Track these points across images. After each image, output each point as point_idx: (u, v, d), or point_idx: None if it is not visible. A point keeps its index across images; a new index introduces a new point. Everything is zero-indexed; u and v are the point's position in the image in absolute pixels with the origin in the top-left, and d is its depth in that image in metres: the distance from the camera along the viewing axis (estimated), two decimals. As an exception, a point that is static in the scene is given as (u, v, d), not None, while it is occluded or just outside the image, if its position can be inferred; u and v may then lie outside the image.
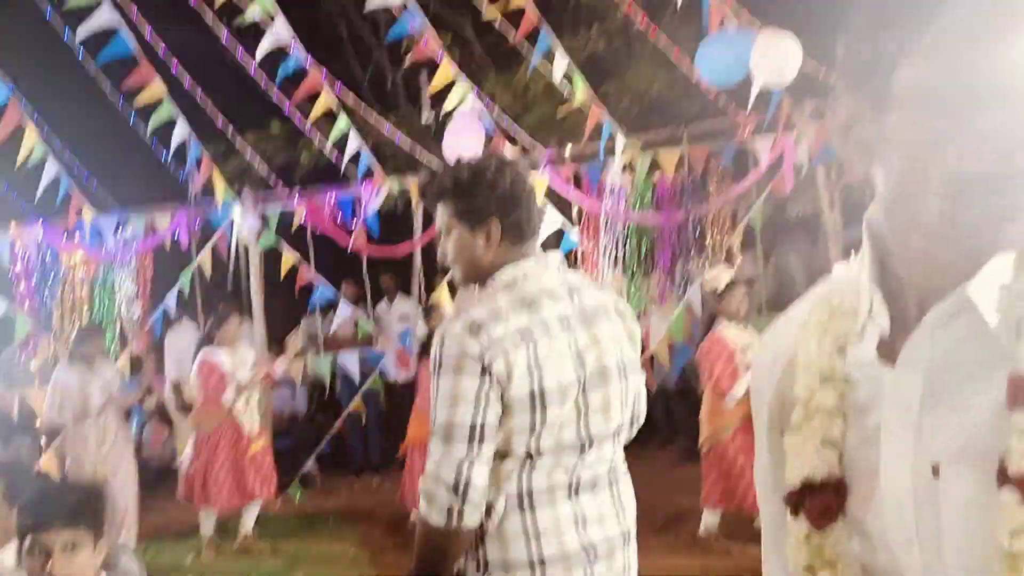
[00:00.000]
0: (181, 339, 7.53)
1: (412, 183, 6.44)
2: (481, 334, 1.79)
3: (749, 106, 5.49)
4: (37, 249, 6.68)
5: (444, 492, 1.76)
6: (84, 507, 2.08)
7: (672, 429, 7.51)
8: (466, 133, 5.76)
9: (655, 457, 7.09)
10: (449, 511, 1.76)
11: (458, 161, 2.02)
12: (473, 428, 1.77)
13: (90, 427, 5.56)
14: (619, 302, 2.07)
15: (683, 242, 6.81)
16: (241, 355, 5.83)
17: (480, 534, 1.86)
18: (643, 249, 6.90)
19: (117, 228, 6.67)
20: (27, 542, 2.02)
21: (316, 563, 5.68)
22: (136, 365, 7.30)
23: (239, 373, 5.70)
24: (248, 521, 5.92)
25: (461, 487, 1.76)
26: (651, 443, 7.32)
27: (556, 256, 2.04)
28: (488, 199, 1.93)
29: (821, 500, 0.80)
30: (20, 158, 5.89)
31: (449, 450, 1.77)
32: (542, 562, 1.83)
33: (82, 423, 5.55)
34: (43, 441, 6.01)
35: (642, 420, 2.04)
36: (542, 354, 1.81)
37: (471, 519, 1.78)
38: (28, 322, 6.36)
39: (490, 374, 1.78)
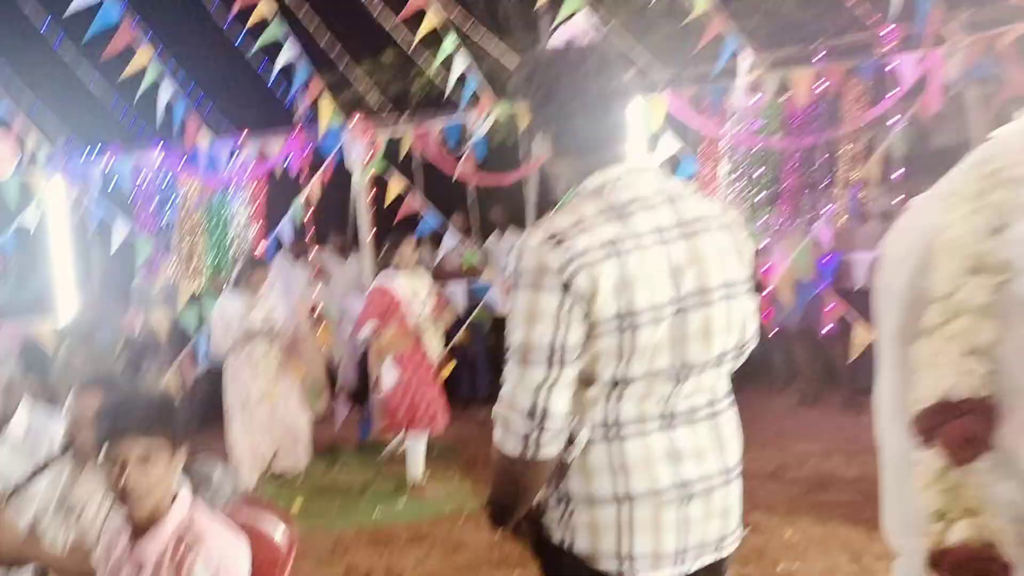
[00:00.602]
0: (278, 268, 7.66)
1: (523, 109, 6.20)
2: (562, 246, 1.57)
3: (891, 17, 4.92)
4: (157, 174, 6.84)
5: (520, 419, 1.58)
6: (157, 417, 2.03)
7: (791, 372, 7.12)
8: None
9: (772, 401, 6.75)
10: (525, 439, 1.59)
11: (526, 57, 1.79)
12: (552, 350, 1.57)
13: (253, 353, 5.68)
14: (728, 213, 1.80)
15: (811, 171, 6.31)
16: (416, 280, 5.72)
17: (561, 465, 1.67)
18: (767, 178, 6.44)
19: (231, 154, 6.74)
20: (103, 451, 1.99)
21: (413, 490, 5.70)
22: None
23: (416, 297, 5.62)
24: (423, 451, 5.80)
25: (538, 414, 1.57)
26: (768, 386, 6.99)
27: (655, 161, 1.78)
28: (557, 97, 1.69)
29: (962, 426, 0.58)
30: (126, 73, 5.98)
31: (525, 373, 1.58)
32: (629, 498, 1.64)
33: (244, 349, 5.67)
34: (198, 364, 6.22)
35: (750, 347, 1.78)
36: (632, 270, 1.58)
37: (549, 449, 1.60)
38: (149, 245, 6.56)
39: (572, 291, 1.56)
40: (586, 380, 1.63)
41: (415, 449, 5.75)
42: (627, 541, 1.65)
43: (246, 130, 6.80)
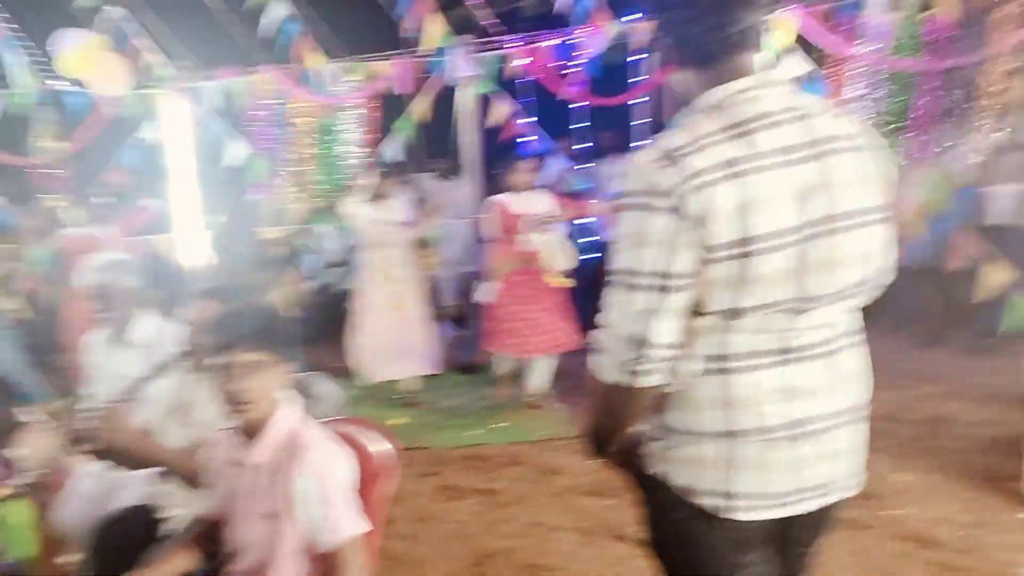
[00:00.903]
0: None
1: (639, 26, 5.96)
2: (675, 165, 1.47)
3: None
4: (270, 93, 6.93)
5: (621, 345, 1.51)
6: (266, 330, 2.07)
7: (912, 311, 6.75)
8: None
9: (889, 340, 6.44)
10: (625, 367, 1.51)
11: None
12: (658, 276, 1.48)
13: (382, 262, 5.72)
14: (865, 134, 1.64)
15: (950, 96, 5.83)
16: (533, 200, 5.58)
17: (663, 396, 1.60)
18: (901, 102, 5.99)
19: (344, 74, 6.76)
20: (217, 360, 2.04)
21: (512, 412, 5.75)
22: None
23: (531, 217, 5.49)
24: (538, 373, 5.80)
25: (640, 342, 1.50)
26: (887, 324, 6.66)
27: (784, 73, 1.63)
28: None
29: None
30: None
31: (629, 299, 1.50)
32: (734, 434, 1.56)
33: (375, 257, 5.72)
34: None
35: (885, 281, 1.64)
36: (753, 192, 1.46)
37: (650, 378, 1.53)
38: (263, 164, 6.71)
39: (683, 214, 1.46)
40: (695, 309, 1.54)
41: (534, 368, 5.75)
42: (729, 479, 1.58)
43: (358, 52, 6.80)
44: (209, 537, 2.23)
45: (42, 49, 6.34)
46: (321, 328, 6.98)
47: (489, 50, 6.58)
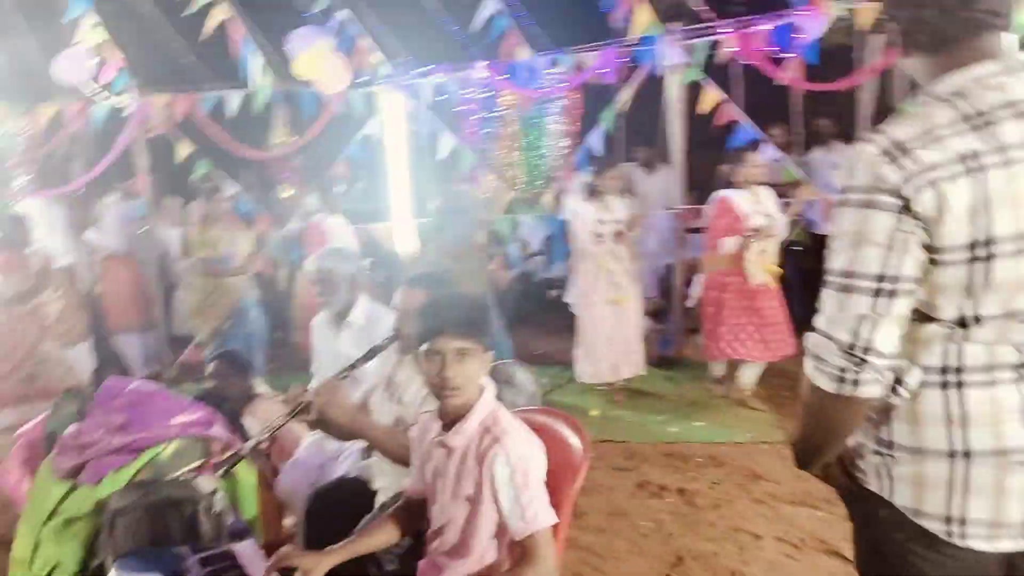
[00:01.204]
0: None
1: (860, 7, 5.57)
2: (904, 159, 1.34)
3: None
4: (480, 87, 7.14)
5: (836, 352, 1.40)
6: (472, 319, 2.12)
7: None
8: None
9: None
10: (841, 375, 1.40)
11: None
12: (881, 278, 1.36)
13: (599, 258, 5.72)
14: None
15: None
16: (761, 199, 5.36)
17: (884, 408, 1.48)
18: None
19: (549, 67, 6.84)
20: (425, 346, 2.12)
21: (715, 411, 5.59)
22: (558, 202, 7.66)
23: (755, 218, 5.26)
24: (747, 375, 5.64)
25: (858, 348, 1.38)
26: None
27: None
28: None
29: None
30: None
31: (847, 302, 1.39)
32: (967, 455, 1.41)
33: (591, 253, 5.74)
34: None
35: None
36: (994, 189, 1.31)
37: (868, 388, 1.40)
38: (471, 156, 6.93)
39: (912, 211, 1.33)
40: (922, 315, 1.40)
41: (745, 371, 5.59)
42: (960, 503, 1.43)
43: (563, 44, 6.85)
44: (412, 513, 2.32)
45: (277, 50, 6.91)
46: (520, 316, 7.13)
47: (698, 36, 6.39)
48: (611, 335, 5.76)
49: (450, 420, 2.14)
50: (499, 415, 2.11)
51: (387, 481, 2.92)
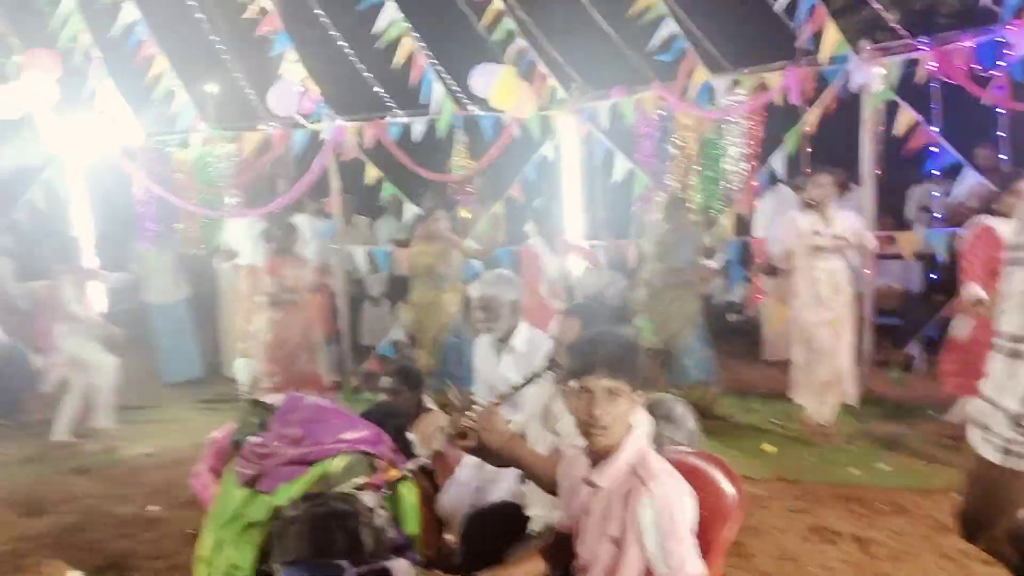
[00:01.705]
0: (773, 202, 7.42)
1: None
2: None
3: None
4: (656, 109, 7.06)
5: (1004, 423, 1.27)
6: (623, 359, 2.09)
7: None
8: None
9: None
10: (1008, 448, 1.28)
11: None
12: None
13: (815, 277, 5.45)
14: None
15: None
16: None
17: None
18: None
19: (730, 88, 6.66)
20: (575, 382, 2.12)
21: (905, 455, 5.19)
22: (741, 225, 7.43)
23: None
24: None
25: (1030, 419, 1.25)
26: None
27: None
28: None
29: None
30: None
31: (1017, 370, 1.26)
32: None
33: (806, 271, 5.49)
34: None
35: None
36: None
37: (1043, 465, 1.27)
38: (646, 179, 6.86)
39: None
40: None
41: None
42: None
43: (743, 64, 6.66)
44: (561, 548, 2.32)
45: (457, 78, 7.19)
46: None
47: (893, 54, 6.01)
48: (825, 361, 5.44)
49: (597, 458, 2.13)
50: (647, 456, 2.07)
51: (542, 510, 2.94)
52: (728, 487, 2.15)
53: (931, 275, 7.60)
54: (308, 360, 6.23)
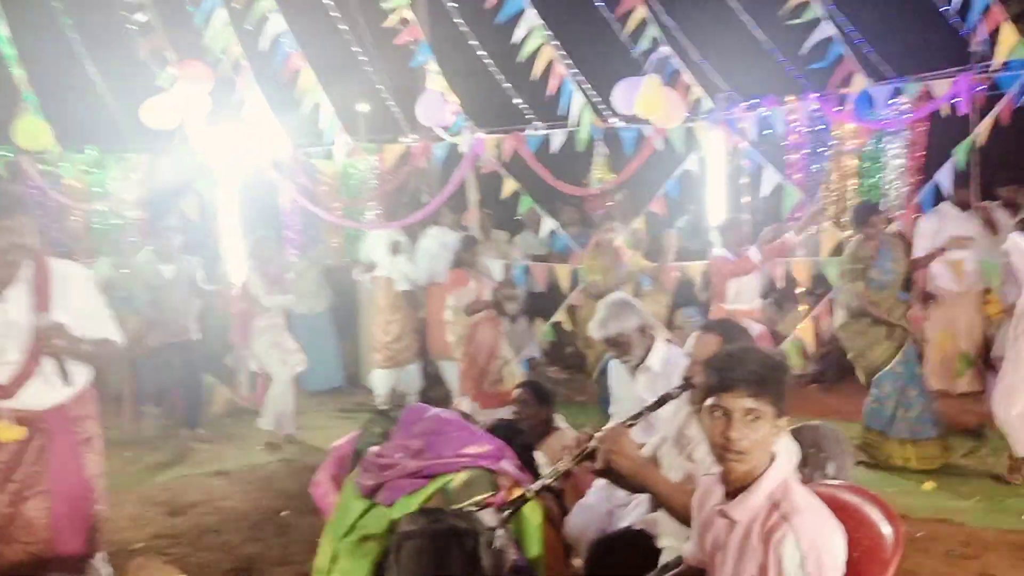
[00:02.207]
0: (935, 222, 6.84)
1: None
2: None
3: None
4: (809, 120, 6.65)
5: None
6: (765, 378, 1.89)
7: None
8: None
9: None
10: None
11: None
12: None
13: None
14: None
15: None
16: None
17: None
18: None
19: (891, 96, 6.19)
20: (711, 401, 1.93)
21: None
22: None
23: None
24: None
25: None
26: None
27: None
28: None
29: None
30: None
31: None
32: None
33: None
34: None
35: None
36: None
37: None
38: (796, 193, 6.46)
39: None
40: None
41: None
42: None
43: (908, 71, 6.16)
44: (691, 582, 2.13)
45: (596, 87, 7.01)
46: (841, 371, 6.49)
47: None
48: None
49: (734, 488, 1.92)
50: (792, 488, 1.84)
51: (674, 541, 2.73)
52: (886, 527, 1.89)
53: None
54: (497, 376, 6.11)
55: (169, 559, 4.09)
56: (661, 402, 2.60)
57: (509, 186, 7.25)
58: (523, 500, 2.53)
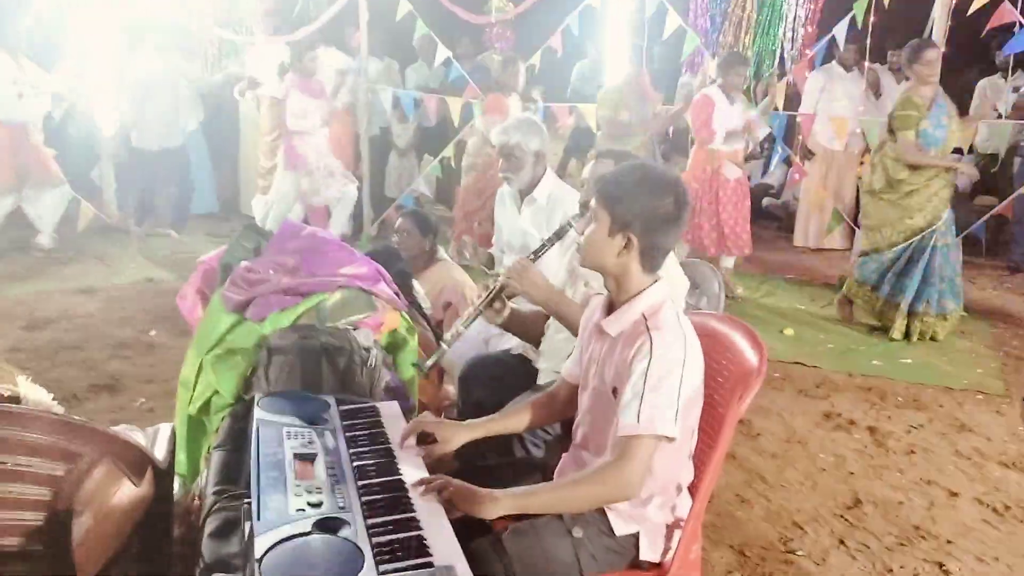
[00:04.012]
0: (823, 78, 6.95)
1: None
2: None
3: None
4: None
5: None
6: (618, 185, 1.88)
7: None
8: None
9: None
10: None
11: None
12: None
13: None
14: None
15: None
16: None
17: None
18: None
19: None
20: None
21: (931, 349, 5.01)
22: (792, 98, 6.96)
23: None
24: None
25: None
26: None
27: None
28: None
29: None
30: None
31: None
32: None
33: None
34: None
35: None
36: None
37: None
38: (696, 40, 6.35)
39: None
40: None
41: None
42: None
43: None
44: (562, 400, 2.15)
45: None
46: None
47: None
48: None
49: (614, 307, 1.92)
50: (662, 310, 1.84)
51: (550, 364, 2.76)
52: (752, 356, 1.93)
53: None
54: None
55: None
56: (561, 232, 2.55)
57: (404, 7, 6.78)
58: (442, 352, 2.48)
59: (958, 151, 5.96)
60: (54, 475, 1.78)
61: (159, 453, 2.22)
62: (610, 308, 1.95)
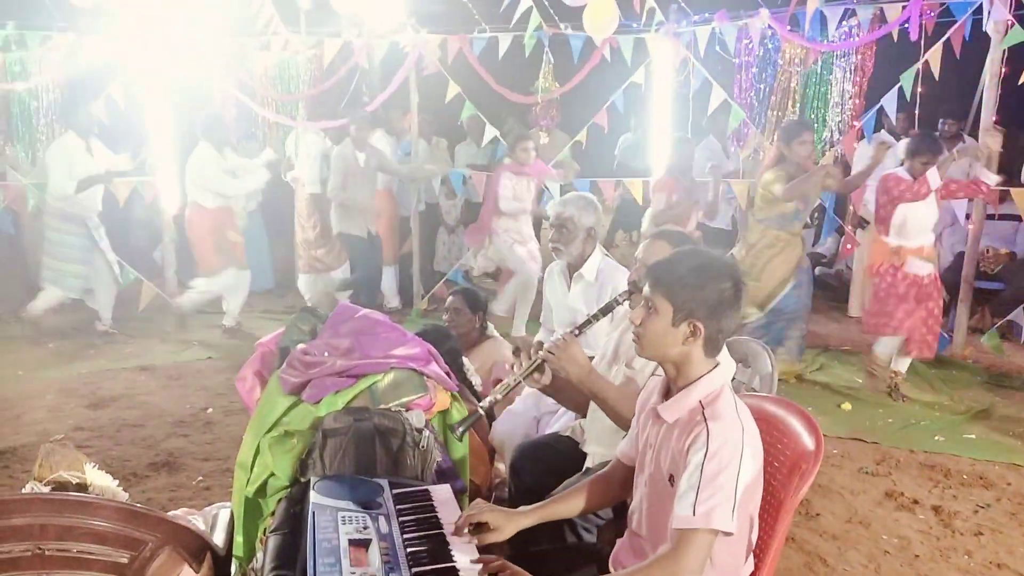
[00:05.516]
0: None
1: None
2: None
3: None
4: (760, 38, 6.52)
5: None
6: (672, 272, 1.90)
7: None
8: None
9: None
10: None
11: None
12: None
13: None
14: None
15: None
16: None
17: None
18: None
19: (843, 18, 6.11)
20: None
21: (995, 426, 4.83)
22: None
23: None
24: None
25: None
26: None
27: None
28: None
29: None
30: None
31: None
32: None
33: None
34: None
35: None
36: None
37: None
38: (741, 114, 6.40)
39: None
40: None
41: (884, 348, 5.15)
42: None
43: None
44: (616, 483, 2.13)
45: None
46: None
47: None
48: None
49: (671, 391, 1.92)
50: (720, 398, 1.83)
51: (599, 447, 2.75)
52: (808, 440, 1.91)
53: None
54: None
55: (89, 452, 4.00)
56: (608, 309, 2.57)
57: (453, 90, 6.99)
58: (477, 416, 2.51)
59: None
60: (119, 562, 1.82)
61: (218, 537, 2.26)
62: (667, 391, 1.94)
